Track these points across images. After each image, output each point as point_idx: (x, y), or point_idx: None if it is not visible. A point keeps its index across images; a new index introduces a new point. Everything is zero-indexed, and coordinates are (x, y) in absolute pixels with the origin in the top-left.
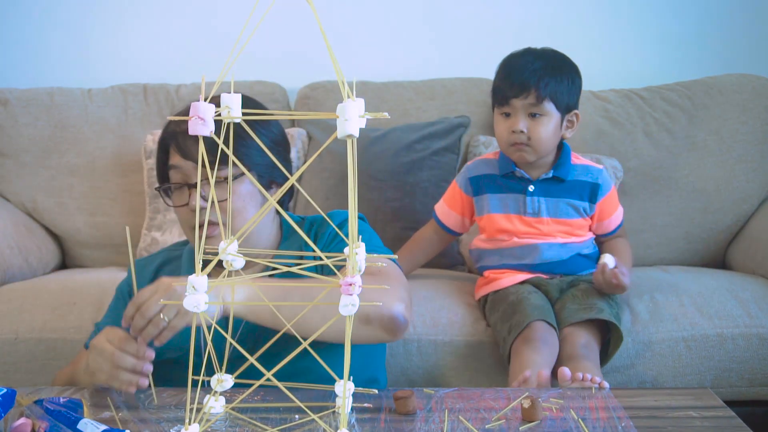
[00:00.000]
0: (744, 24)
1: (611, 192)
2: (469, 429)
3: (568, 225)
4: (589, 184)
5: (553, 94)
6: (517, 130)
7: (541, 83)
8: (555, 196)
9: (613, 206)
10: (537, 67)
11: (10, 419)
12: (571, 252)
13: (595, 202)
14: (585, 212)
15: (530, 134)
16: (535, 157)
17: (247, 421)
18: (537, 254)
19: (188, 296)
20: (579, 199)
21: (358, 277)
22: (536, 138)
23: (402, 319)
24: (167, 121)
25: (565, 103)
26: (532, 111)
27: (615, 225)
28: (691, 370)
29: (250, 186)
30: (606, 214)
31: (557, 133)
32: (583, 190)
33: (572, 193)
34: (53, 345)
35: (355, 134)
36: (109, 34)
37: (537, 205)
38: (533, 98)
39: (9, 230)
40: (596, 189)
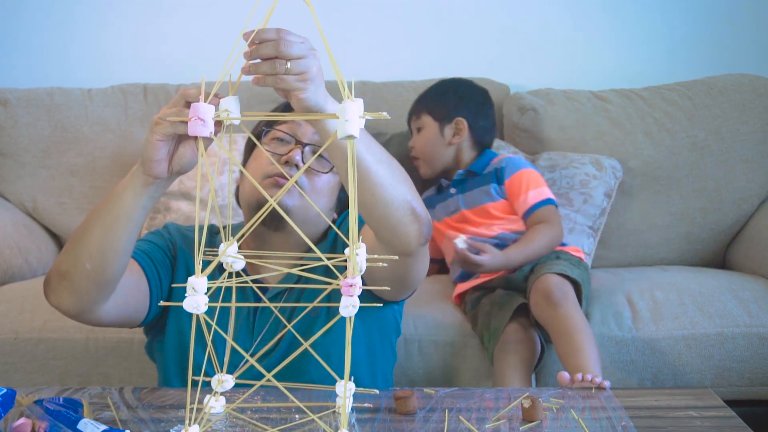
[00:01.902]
0: (744, 24)
1: (521, 172)
2: (469, 429)
3: (485, 211)
4: (495, 168)
5: (428, 107)
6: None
7: (420, 101)
8: (471, 188)
9: (524, 185)
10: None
11: (10, 419)
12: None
13: (503, 181)
14: (497, 193)
15: (414, 146)
16: (428, 169)
17: (247, 421)
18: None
19: (188, 297)
20: (489, 183)
21: (359, 278)
22: (418, 148)
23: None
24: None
25: (444, 113)
26: (417, 126)
27: (529, 204)
28: (691, 369)
29: (333, 181)
30: (517, 191)
31: (440, 141)
32: (493, 175)
33: (483, 181)
34: (53, 345)
35: (356, 135)
36: (109, 34)
37: (456, 202)
38: (415, 115)
39: (9, 230)
40: (502, 170)
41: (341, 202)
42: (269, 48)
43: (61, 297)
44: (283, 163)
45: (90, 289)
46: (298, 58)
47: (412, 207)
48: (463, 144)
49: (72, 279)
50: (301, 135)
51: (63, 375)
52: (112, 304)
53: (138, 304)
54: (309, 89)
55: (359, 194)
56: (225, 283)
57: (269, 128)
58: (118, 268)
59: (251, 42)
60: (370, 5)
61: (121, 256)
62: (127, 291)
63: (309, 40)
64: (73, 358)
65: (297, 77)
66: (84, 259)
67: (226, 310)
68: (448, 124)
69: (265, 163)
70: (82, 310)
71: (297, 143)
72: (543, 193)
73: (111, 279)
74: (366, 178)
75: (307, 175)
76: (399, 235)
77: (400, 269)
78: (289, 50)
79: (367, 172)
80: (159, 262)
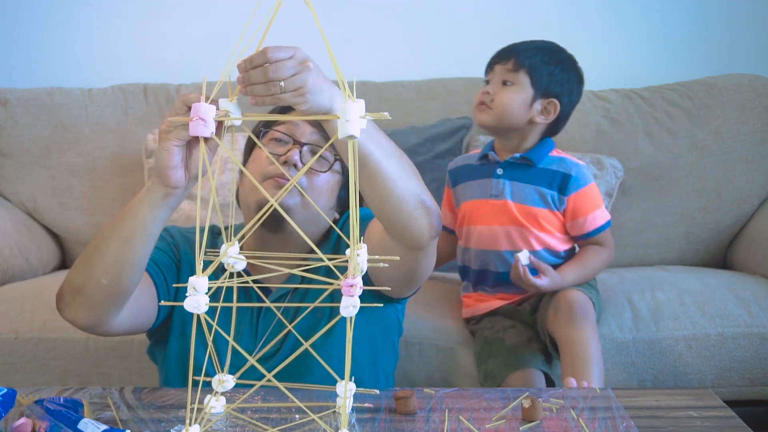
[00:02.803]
0: (744, 24)
1: (588, 188)
2: (469, 429)
3: (533, 216)
4: (561, 173)
5: (531, 69)
6: (485, 92)
7: (523, 54)
8: (522, 180)
9: (591, 205)
10: (527, 46)
11: (11, 419)
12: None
13: (566, 194)
14: (553, 203)
15: (494, 96)
16: (493, 121)
17: (248, 421)
18: (501, 261)
19: (189, 296)
20: (548, 187)
21: (359, 278)
22: (499, 101)
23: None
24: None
25: (544, 85)
26: (506, 78)
27: (592, 227)
28: (692, 369)
29: (333, 180)
30: (581, 211)
31: (525, 110)
32: (553, 179)
33: (541, 179)
34: (53, 345)
35: (357, 135)
36: (110, 34)
37: (501, 186)
38: (511, 65)
39: (9, 230)
40: (567, 179)
41: (342, 201)
42: (258, 74)
43: (76, 312)
44: (282, 164)
45: (105, 304)
46: (290, 77)
47: (422, 200)
48: (540, 127)
49: (87, 294)
50: (300, 135)
51: (63, 375)
52: (124, 314)
53: (148, 311)
54: (309, 101)
55: (371, 189)
56: (226, 282)
57: (267, 129)
58: (133, 281)
59: (242, 68)
60: (370, 5)
61: (137, 270)
62: (137, 300)
63: (300, 50)
64: (73, 358)
65: (294, 93)
66: (99, 273)
67: (230, 313)
68: (541, 98)
69: (264, 163)
70: (97, 323)
71: (295, 143)
72: (604, 215)
73: (126, 292)
74: (377, 173)
75: (306, 175)
76: (410, 229)
77: (410, 264)
78: (278, 74)
79: (377, 167)
80: (165, 266)
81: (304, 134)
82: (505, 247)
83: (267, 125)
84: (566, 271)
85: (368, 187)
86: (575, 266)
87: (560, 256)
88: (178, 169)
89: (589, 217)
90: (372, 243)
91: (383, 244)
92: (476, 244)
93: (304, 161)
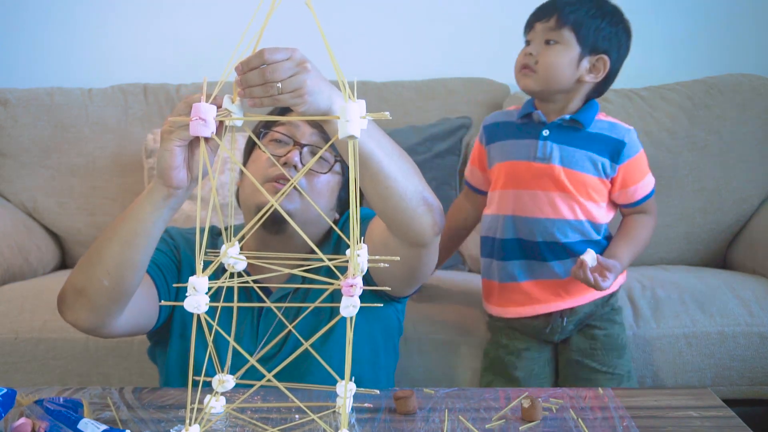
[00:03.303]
0: (744, 24)
1: (639, 155)
2: (469, 429)
3: (582, 183)
4: (613, 140)
5: (576, 25)
6: (526, 51)
7: (566, 9)
8: (571, 144)
9: (641, 173)
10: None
11: (11, 419)
12: (577, 235)
13: (618, 162)
14: (604, 171)
15: (539, 58)
16: (539, 86)
17: (248, 421)
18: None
19: (189, 296)
20: (599, 153)
21: (359, 278)
22: (543, 63)
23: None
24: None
25: (591, 41)
26: (549, 37)
27: (641, 195)
28: (691, 368)
29: (333, 181)
30: (631, 180)
31: (572, 70)
32: (605, 145)
33: (591, 145)
34: (53, 345)
35: (357, 135)
36: (110, 34)
37: (549, 149)
38: (553, 22)
39: (9, 230)
40: (620, 147)
41: (342, 202)
42: (255, 76)
43: (77, 314)
44: (282, 165)
45: (107, 305)
46: (287, 78)
47: (424, 197)
48: (587, 86)
49: (89, 296)
50: (300, 136)
51: (63, 375)
52: (125, 316)
53: (149, 312)
54: (307, 101)
55: (373, 188)
56: (227, 282)
57: (267, 130)
58: (135, 282)
59: (239, 71)
60: (370, 5)
61: (138, 271)
62: (138, 301)
63: (297, 51)
64: (73, 358)
65: (292, 94)
66: (101, 275)
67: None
68: (589, 55)
69: (264, 165)
70: (99, 325)
71: (295, 144)
72: (651, 182)
73: (128, 293)
74: (378, 172)
75: (306, 177)
76: (413, 227)
77: (412, 262)
78: (275, 75)
79: (378, 166)
80: (165, 267)
81: (304, 135)
82: (549, 214)
83: (267, 126)
84: (621, 255)
85: (370, 187)
86: (627, 246)
87: (600, 230)
88: (180, 170)
89: (639, 185)
90: (374, 241)
91: (385, 242)
92: (513, 210)
93: (304, 162)
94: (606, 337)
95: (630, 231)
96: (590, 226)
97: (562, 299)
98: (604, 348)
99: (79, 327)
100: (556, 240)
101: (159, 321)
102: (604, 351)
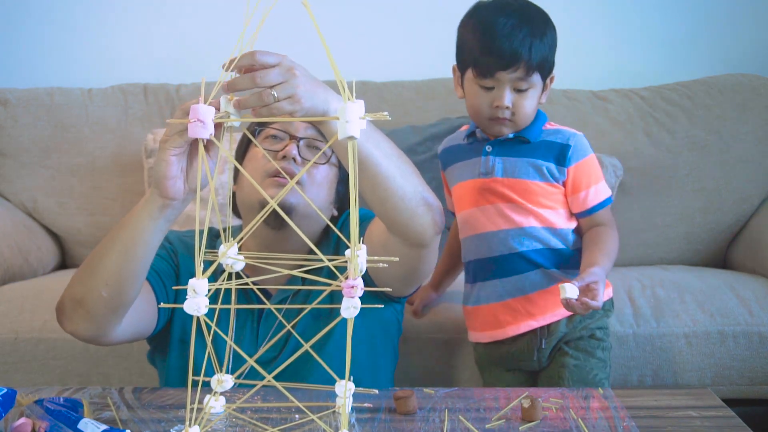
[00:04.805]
0: (744, 24)
1: (587, 159)
2: (469, 429)
3: (526, 189)
4: (558, 144)
5: (541, 64)
6: (502, 106)
7: (532, 54)
8: (514, 155)
9: (591, 177)
10: (525, 34)
11: (11, 419)
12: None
13: (566, 165)
14: (551, 175)
15: (515, 109)
16: (514, 130)
17: (248, 422)
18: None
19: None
20: (543, 159)
21: (360, 279)
22: (522, 113)
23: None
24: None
25: (549, 69)
26: (519, 86)
27: (593, 202)
28: (691, 367)
29: (331, 173)
30: (581, 184)
31: (537, 103)
32: (549, 151)
33: (535, 152)
34: (53, 345)
35: (357, 136)
36: (109, 34)
37: (491, 163)
38: (522, 71)
39: (9, 230)
40: (565, 150)
41: (340, 196)
42: (246, 81)
43: (76, 324)
44: (280, 159)
45: (106, 315)
46: (278, 84)
47: (423, 197)
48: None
49: (88, 306)
50: (294, 130)
51: (63, 375)
52: (125, 324)
53: (148, 318)
54: (304, 106)
55: (372, 190)
56: (225, 285)
57: (262, 127)
58: (134, 292)
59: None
60: (370, 5)
61: (136, 281)
62: (137, 308)
63: (287, 57)
64: (73, 358)
65: (288, 101)
66: (100, 286)
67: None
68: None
69: (262, 162)
70: (98, 335)
71: (291, 138)
72: (605, 190)
73: (127, 303)
74: (377, 173)
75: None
76: (413, 227)
77: (412, 262)
78: (265, 81)
79: (377, 167)
80: (164, 273)
81: (298, 129)
82: (501, 225)
83: (261, 123)
84: (594, 259)
85: (369, 188)
86: (601, 254)
87: (567, 239)
88: (176, 180)
89: (591, 191)
90: (373, 242)
91: (385, 243)
92: (470, 230)
93: (302, 155)
94: (576, 368)
95: (594, 239)
96: (549, 233)
97: (533, 317)
98: (572, 379)
99: (79, 337)
100: (513, 249)
101: (158, 326)
102: (571, 383)
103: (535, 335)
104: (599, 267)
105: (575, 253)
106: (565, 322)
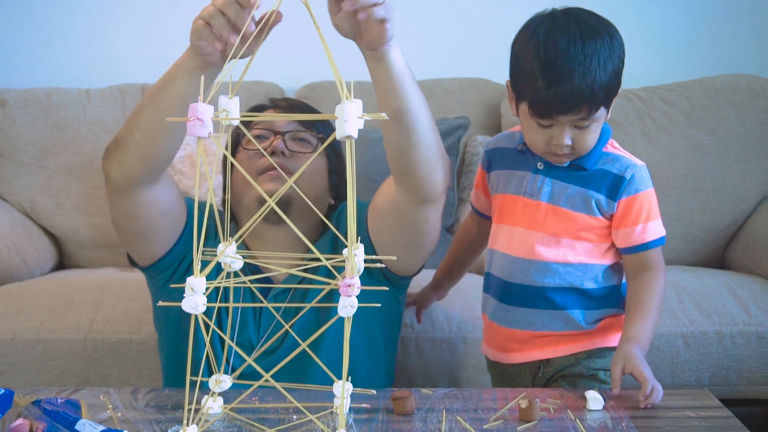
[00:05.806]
0: (743, 24)
1: (643, 194)
2: (466, 429)
3: (570, 220)
4: (613, 175)
5: (607, 96)
6: (561, 144)
7: (596, 94)
8: (565, 180)
9: (643, 213)
10: (590, 65)
11: (8, 420)
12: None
13: (616, 199)
14: (598, 208)
15: (575, 145)
16: (573, 159)
17: (245, 422)
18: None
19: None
20: (594, 189)
21: (357, 278)
22: (582, 148)
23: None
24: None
25: (615, 93)
26: (582, 124)
27: (639, 241)
28: (689, 367)
29: (321, 163)
30: (627, 219)
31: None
32: (603, 181)
33: (588, 183)
34: (51, 345)
35: (354, 135)
36: (108, 34)
37: (538, 184)
38: (585, 113)
39: (6, 230)
40: (620, 182)
41: (333, 185)
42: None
43: (111, 164)
44: (270, 155)
45: (137, 161)
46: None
47: (441, 147)
48: None
49: (123, 146)
50: (277, 126)
51: (61, 376)
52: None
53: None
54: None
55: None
56: (223, 283)
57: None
58: (165, 145)
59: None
60: None
61: (167, 132)
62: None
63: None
64: (70, 359)
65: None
66: (135, 129)
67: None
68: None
69: (251, 161)
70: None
71: (276, 134)
72: (658, 229)
73: (157, 155)
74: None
75: (296, 161)
76: (429, 176)
77: (419, 224)
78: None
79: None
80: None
81: (281, 125)
82: (528, 255)
83: (245, 127)
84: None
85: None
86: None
87: (596, 275)
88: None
89: (639, 228)
90: (380, 209)
91: (393, 204)
92: (502, 246)
93: (289, 147)
94: None
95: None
96: (577, 270)
97: (538, 349)
98: None
99: (110, 179)
100: (533, 283)
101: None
102: None
103: (535, 363)
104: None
105: (603, 290)
106: (567, 356)
